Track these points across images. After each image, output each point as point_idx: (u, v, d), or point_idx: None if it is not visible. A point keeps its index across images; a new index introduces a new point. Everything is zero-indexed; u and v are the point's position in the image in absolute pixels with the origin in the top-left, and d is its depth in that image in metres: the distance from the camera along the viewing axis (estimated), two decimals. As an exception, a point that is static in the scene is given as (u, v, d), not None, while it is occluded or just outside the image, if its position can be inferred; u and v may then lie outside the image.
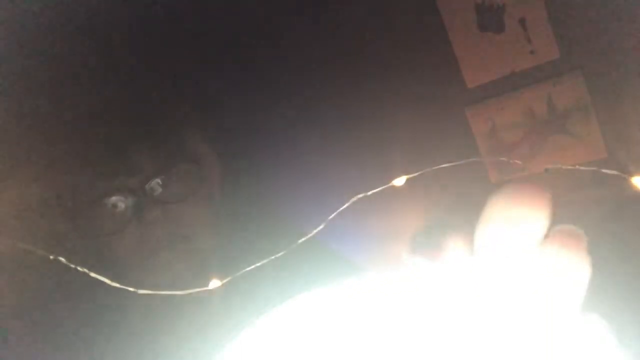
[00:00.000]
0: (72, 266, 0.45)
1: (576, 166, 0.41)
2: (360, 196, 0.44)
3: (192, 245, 0.63)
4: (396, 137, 1.10)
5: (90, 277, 0.45)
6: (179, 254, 0.61)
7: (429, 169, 0.44)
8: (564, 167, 0.41)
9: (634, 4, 0.84)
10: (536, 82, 0.98)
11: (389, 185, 0.44)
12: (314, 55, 1.14)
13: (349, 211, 0.44)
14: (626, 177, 0.38)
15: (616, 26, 0.87)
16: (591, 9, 0.88)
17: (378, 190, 0.44)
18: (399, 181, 0.44)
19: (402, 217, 1.19)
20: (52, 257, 0.45)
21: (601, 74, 0.92)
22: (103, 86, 0.65)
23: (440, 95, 1.06)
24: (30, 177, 0.60)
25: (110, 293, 0.46)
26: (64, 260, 0.45)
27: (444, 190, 1.09)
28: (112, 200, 0.58)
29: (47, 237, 0.57)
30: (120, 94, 0.65)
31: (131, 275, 0.62)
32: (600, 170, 0.40)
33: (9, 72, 0.65)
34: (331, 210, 0.44)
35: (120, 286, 0.46)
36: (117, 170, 0.59)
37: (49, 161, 0.60)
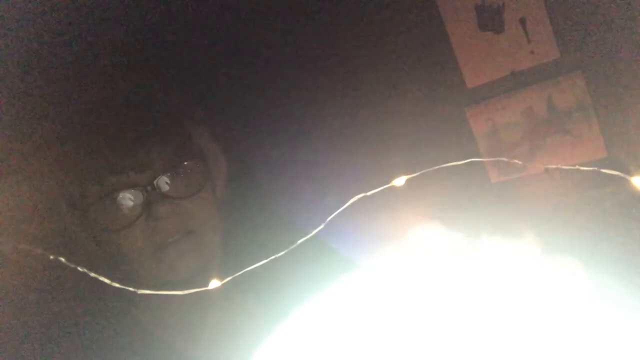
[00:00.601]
0: (72, 266, 0.45)
1: (576, 166, 0.41)
2: (360, 196, 0.44)
3: (199, 240, 0.63)
4: (396, 137, 1.10)
5: (90, 277, 0.45)
6: (186, 249, 0.62)
7: (429, 169, 0.44)
8: (564, 167, 0.41)
9: (633, 5, 0.84)
10: (536, 82, 0.98)
11: (389, 185, 0.44)
12: (314, 56, 1.14)
13: (349, 211, 0.44)
14: (626, 177, 0.39)
15: (616, 26, 0.87)
16: (591, 9, 0.88)
17: (378, 190, 0.44)
18: (399, 181, 0.44)
19: (402, 217, 1.19)
20: (52, 257, 0.45)
21: (601, 74, 0.92)
22: (113, 84, 0.66)
23: (440, 95, 1.06)
24: (38, 174, 0.60)
25: (110, 293, 0.46)
26: (64, 260, 0.45)
27: (444, 190, 1.09)
28: (121, 196, 0.59)
29: (52, 236, 0.58)
30: (130, 92, 0.66)
31: (139, 270, 0.62)
32: (600, 170, 0.40)
33: (17, 70, 0.66)
34: (331, 210, 0.44)
35: (120, 286, 0.46)
36: (126, 166, 0.59)
37: (58, 158, 0.61)
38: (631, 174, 0.38)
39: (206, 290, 0.47)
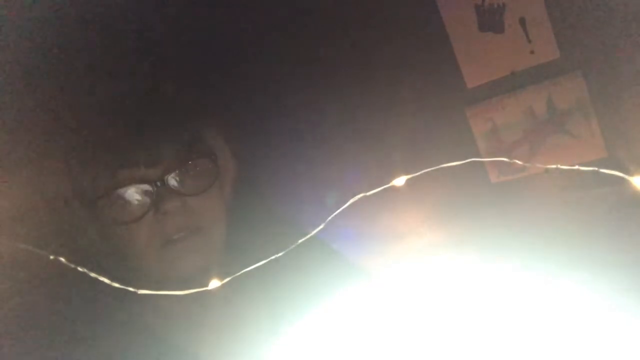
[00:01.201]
0: (72, 266, 0.45)
1: (576, 166, 0.41)
2: (360, 196, 0.44)
3: (205, 239, 0.63)
4: (396, 137, 1.10)
5: (90, 277, 0.45)
6: (191, 246, 0.62)
7: (429, 169, 0.44)
8: (564, 167, 0.41)
9: (633, 5, 0.84)
10: (536, 82, 0.98)
11: (389, 185, 0.44)
12: (314, 56, 1.14)
13: (349, 211, 0.44)
14: (626, 177, 0.39)
15: (616, 26, 0.87)
16: (591, 9, 0.88)
17: (378, 190, 0.44)
18: (399, 181, 0.44)
19: (402, 217, 1.19)
20: (52, 257, 0.45)
21: (601, 74, 0.92)
22: (128, 81, 0.67)
23: (440, 95, 1.06)
24: (44, 169, 0.61)
25: (110, 293, 0.46)
26: (64, 260, 0.45)
27: (444, 190, 1.09)
28: (131, 190, 0.59)
29: (52, 236, 0.58)
30: (145, 89, 0.67)
31: (143, 264, 0.62)
32: (600, 170, 0.40)
33: (29, 65, 0.66)
34: (331, 210, 0.44)
35: (120, 286, 0.46)
36: (138, 160, 0.60)
37: (69, 151, 0.61)
38: (631, 174, 0.38)
39: (206, 290, 0.47)
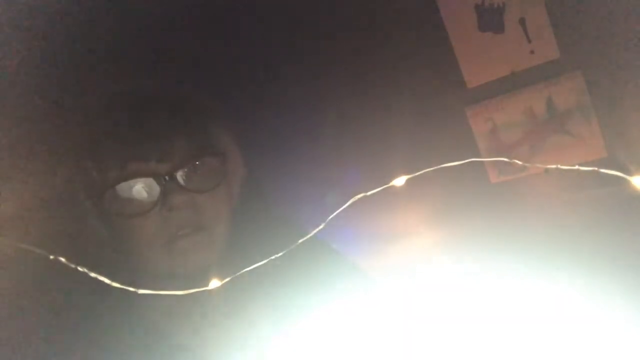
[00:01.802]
0: (72, 266, 0.45)
1: (576, 166, 0.41)
2: (360, 196, 0.44)
3: (210, 237, 0.63)
4: (396, 137, 1.10)
5: (90, 276, 0.45)
6: (196, 244, 0.62)
7: (429, 169, 0.44)
8: (563, 167, 0.41)
9: (633, 5, 0.84)
10: (536, 82, 0.98)
11: (389, 185, 0.44)
12: (314, 56, 1.14)
13: (349, 211, 0.44)
14: (626, 177, 0.39)
15: (616, 26, 0.87)
16: (591, 9, 0.88)
17: (378, 190, 0.44)
18: (399, 181, 0.44)
19: (402, 217, 1.19)
20: (52, 257, 0.45)
21: (601, 74, 0.92)
22: (142, 77, 0.67)
23: (440, 95, 1.06)
24: (56, 160, 0.61)
25: (111, 292, 0.46)
26: (64, 260, 0.45)
27: (444, 190, 1.09)
28: (139, 183, 0.59)
29: (52, 235, 0.58)
30: (160, 85, 0.67)
31: (147, 259, 0.62)
32: (600, 170, 0.40)
33: (40, 60, 0.66)
34: (331, 210, 0.44)
35: (120, 286, 0.46)
36: (148, 154, 0.60)
37: (79, 143, 0.61)
38: (631, 174, 0.38)
39: (206, 290, 0.47)
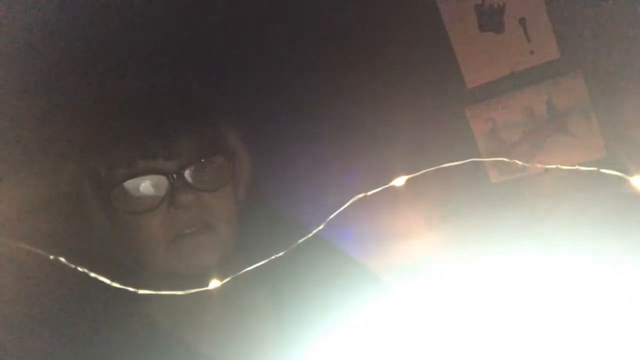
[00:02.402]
0: (72, 266, 0.45)
1: (576, 166, 0.41)
2: (360, 196, 0.44)
3: (216, 236, 0.63)
4: (396, 137, 1.11)
5: (90, 276, 0.45)
6: (202, 243, 0.62)
7: (429, 169, 0.44)
8: (563, 167, 0.41)
9: (633, 5, 0.84)
10: (536, 82, 0.98)
11: (389, 185, 0.44)
12: (314, 56, 1.14)
13: (349, 211, 0.44)
14: (626, 177, 0.38)
15: (616, 27, 0.87)
16: (591, 9, 0.88)
17: (378, 190, 0.44)
18: (399, 181, 0.44)
19: (402, 217, 1.19)
20: (52, 257, 0.45)
21: (601, 74, 0.92)
22: (153, 75, 0.67)
23: (440, 95, 1.06)
24: (63, 158, 0.61)
25: (111, 292, 0.46)
26: (64, 260, 0.45)
27: (444, 190, 1.09)
28: (147, 180, 0.59)
29: (53, 235, 0.58)
30: (171, 84, 0.67)
31: (151, 257, 0.62)
32: (600, 170, 0.40)
33: (49, 58, 0.66)
34: (331, 210, 0.44)
35: (120, 286, 0.46)
36: (157, 152, 0.60)
37: (87, 139, 0.61)
38: (631, 174, 0.38)
39: (207, 290, 0.47)
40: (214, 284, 0.47)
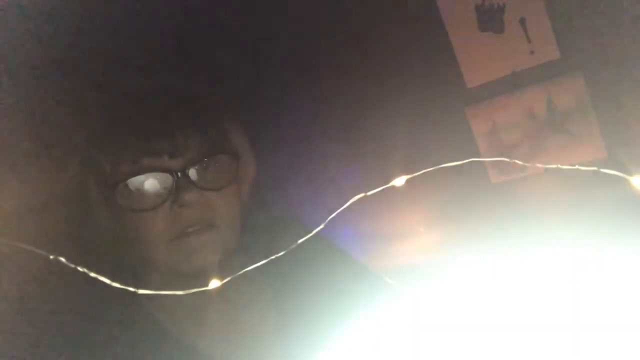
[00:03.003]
0: (72, 266, 0.45)
1: (576, 166, 0.41)
2: (360, 196, 0.44)
3: (219, 235, 0.63)
4: (396, 137, 1.11)
5: (90, 276, 0.45)
6: (204, 241, 0.62)
7: (429, 169, 0.44)
8: (564, 167, 0.41)
9: (633, 5, 0.84)
10: (536, 82, 0.98)
11: (389, 185, 0.44)
12: (315, 56, 1.15)
13: (349, 211, 0.44)
14: (626, 177, 0.38)
15: (616, 27, 0.87)
16: (591, 9, 0.88)
17: (378, 190, 0.44)
18: (399, 181, 0.44)
19: (402, 217, 1.19)
20: (52, 257, 0.45)
21: (601, 74, 0.92)
22: (160, 74, 0.67)
23: (440, 95, 1.06)
24: (67, 155, 0.61)
25: (112, 291, 0.46)
26: (64, 260, 0.45)
27: (444, 190, 1.09)
28: (152, 178, 0.59)
29: (53, 235, 0.58)
30: (177, 83, 0.67)
31: (154, 254, 0.62)
32: (600, 170, 0.40)
33: (55, 55, 0.67)
34: (331, 210, 0.44)
35: (120, 286, 0.46)
36: (162, 149, 0.60)
37: (93, 136, 0.62)
38: (631, 174, 0.38)
39: (207, 290, 0.47)
40: (214, 283, 0.47)
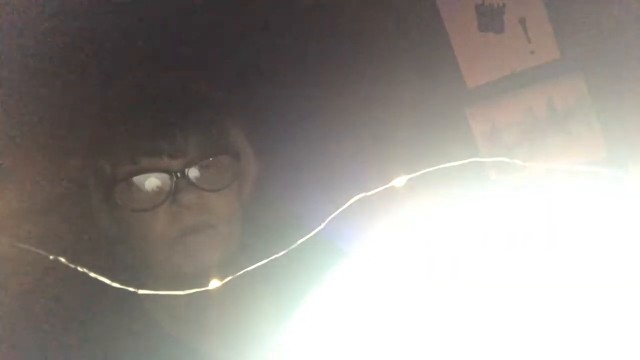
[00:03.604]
0: (72, 266, 0.45)
1: (576, 166, 0.41)
2: (360, 196, 0.44)
3: (219, 236, 0.63)
4: (396, 137, 1.10)
5: (90, 276, 0.45)
6: (204, 242, 0.62)
7: (429, 169, 0.44)
8: (564, 167, 0.41)
9: (633, 5, 0.84)
10: (536, 82, 0.98)
11: (389, 185, 0.44)
12: (315, 56, 1.14)
13: (349, 211, 0.44)
14: (626, 177, 0.39)
15: (616, 27, 0.87)
16: (591, 9, 0.88)
17: (378, 190, 0.44)
18: (399, 181, 0.44)
19: (402, 217, 1.19)
20: (52, 257, 0.45)
21: (601, 74, 0.92)
22: (160, 74, 0.67)
23: (440, 95, 1.06)
24: (67, 155, 0.61)
25: (112, 291, 0.46)
26: (64, 260, 0.45)
27: (444, 190, 1.09)
28: (151, 178, 0.59)
29: (53, 234, 0.58)
30: (177, 82, 0.67)
31: (153, 255, 0.62)
32: (600, 170, 0.40)
33: (57, 55, 0.67)
34: (331, 210, 0.44)
35: (120, 286, 0.46)
36: (162, 150, 0.60)
37: (92, 136, 0.62)
38: (631, 174, 0.38)
39: (207, 290, 0.47)
40: (214, 284, 0.47)
